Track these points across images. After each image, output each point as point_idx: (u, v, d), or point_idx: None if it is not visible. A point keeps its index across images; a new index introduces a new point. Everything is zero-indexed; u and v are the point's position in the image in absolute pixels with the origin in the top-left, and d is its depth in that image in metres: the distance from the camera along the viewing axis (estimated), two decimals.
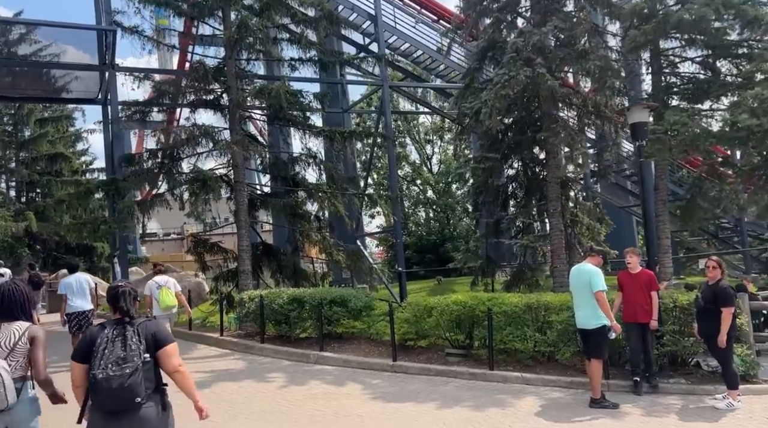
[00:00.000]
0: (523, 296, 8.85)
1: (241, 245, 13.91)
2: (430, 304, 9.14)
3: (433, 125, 34.95)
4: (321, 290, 10.85)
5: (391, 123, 17.89)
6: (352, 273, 19.66)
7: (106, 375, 3.09)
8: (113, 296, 3.45)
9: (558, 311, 8.31)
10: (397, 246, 17.83)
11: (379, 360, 9.12)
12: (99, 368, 3.12)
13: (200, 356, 10.76)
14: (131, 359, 3.15)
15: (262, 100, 14.81)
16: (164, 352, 3.34)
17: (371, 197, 15.77)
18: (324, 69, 16.35)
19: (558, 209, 12.95)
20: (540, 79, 11.27)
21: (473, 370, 8.32)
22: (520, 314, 8.49)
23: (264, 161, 15.81)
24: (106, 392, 3.08)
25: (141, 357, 3.19)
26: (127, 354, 3.17)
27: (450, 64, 19.66)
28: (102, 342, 3.21)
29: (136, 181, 13.53)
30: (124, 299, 3.42)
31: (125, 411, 3.13)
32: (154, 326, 3.42)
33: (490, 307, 8.46)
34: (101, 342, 3.21)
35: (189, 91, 14.73)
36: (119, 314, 3.38)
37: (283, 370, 9.23)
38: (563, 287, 12.63)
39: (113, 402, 3.11)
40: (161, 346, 3.35)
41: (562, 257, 12.83)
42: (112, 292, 3.47)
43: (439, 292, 20.45)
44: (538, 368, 8.35)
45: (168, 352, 3.36)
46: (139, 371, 3.15)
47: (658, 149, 10.69)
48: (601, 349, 6.89)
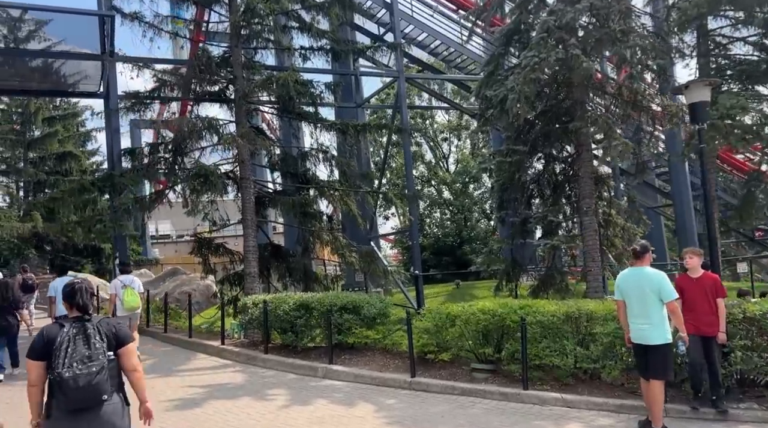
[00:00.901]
0: (561, 304, 7.72)
1: (248, 246, 12.94)
2: (453, 312, 8.04)
3: (449, 124, 33.84)
4: (331, 295, 9.78)
5: (407, 116, 16.84)
6: (366, 276, 18.66)
7: (73, 373, 3.10)
8: (69, 293, 3.42)
9: (603, 321, 7.17)
10: (414, 248, 16.78)
11: (395, 376, 8.03)
12: (64, 366, 3.11)
13: (197, 367, 9.75)
14: (96, 357, 3.18)
15: (269, 92, 13.84)
16: (125, 351, 3.40)
17: (386, 195, 14.68)
18: (336, 59, 15.35)
19: (592, 207, 11.78)
20: (574, 62, 10.13)
21: (504, 389, 7.20)
22: (558, 325, 7.36)
23: (272, 157, 14.83)
24: (74, 390, 3.09)
25: (106, 355, 3.23)
26: (92, 352, 3.19)
27: (470, 55, 18.60)
28: (63, 340, 3.19)
29: (134, 177, 12.60)
30: (80, 296, 3.41)
31: (91, 409, 3.17)
32: (113, 324, 3.44)
33: (523, 316, 7.34)
34: (62, 341, 3.19)
35: (192, 82, 13.85)
36: (77, 310, 3.40)
37: (287, 385, 8.18)
38: (598, 293, 11.50)
39: (80, 399, 3.12)
40: (122, 345, 3.39)
41: (596, 260, 11.64)
42: (68, 289, 3.45)
43: (458, 297, 19.37)
44: (579, 388, 7.21)
45: (128, 351, 3.42)
46: (105, 369, 3.19)
47: (712, 136, 9.49)
48: (668, 368, 5.76)
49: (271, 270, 14.75)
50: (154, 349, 11.52)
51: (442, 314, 8.14)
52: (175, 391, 8.02)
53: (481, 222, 32.41)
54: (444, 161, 34.33)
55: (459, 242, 29.79)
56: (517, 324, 7.46)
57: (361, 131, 14.73)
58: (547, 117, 12.52)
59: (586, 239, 11.71)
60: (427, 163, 33.24)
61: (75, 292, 3.42)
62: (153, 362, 10.23)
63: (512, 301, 8.11)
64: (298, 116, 14.45)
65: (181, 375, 9.13)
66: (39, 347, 3.26)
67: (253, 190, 13.38)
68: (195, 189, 12.48)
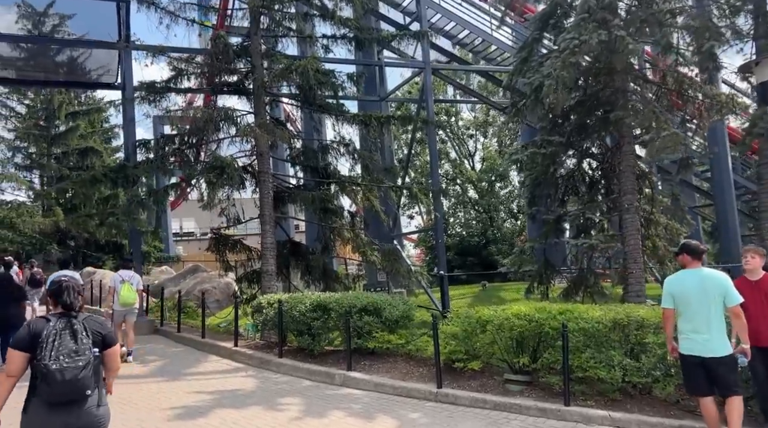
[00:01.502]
0: (607, 309, 6.88)
1: (265, 243, 12.34)
2: (484, 317, 7.26)
3: (475, 120, 32.89)
4: (350, 296, 9.07)
5: (432, 109, 16.06)
6: (388, 276, 17.94)
7: (60, 365, 3.11)
8: (56, 290, 3.40)
9: (656, 330, 6.32)
10: (438, 247, 15.99)
11: (419, 386, 7.28)
12: (51, 359, 3.12)
13: (207, 370, 9.14)
14: (83, 352, 3.21)
15: (289, 81, 13.22)
16: (111, 352, 3.46)
17: (410, 190, 13.93)
18: (360, 47, 14.64)
19: (634, 204, 10.86)
20: (619, 44, 9.26)
21: (543, 404, 6.40)
22: (604, 333, 6.53)
23: (292, 150, 14.21)
24: (60, 383, 3.09)
25: (91, 351, 3.26)
26: (78, 347, 3.22)
27: (500, 45, 17.72)
28: (50, 333, 3.20)
29: (147, 168, 12.07)
30: (67, 294, 3.38)
31: (73, 402, 3.18)
32: (98, 323, 3.46)
33: (564, 322, 6.54)
34: (48, 334, 3.20)
35: (209, 71, 13.31)
36: (62, 308, 3.38)
37: (302, 394, 7.50)
38: (640, 298, 10.59)
39: (65, 392, 3.13)
40: (109, 346, 3.45)
41: (638, 262, 10.72)
42: (55, 286, 3.43)
43: (484, 299, 18.49)
44: (628, 404, 6.37)
45: (114, 352, 3.49)
46: (91, 364, 3.22)
47: None
48: (740, 381, 4.95)
49: (291, 268, 14.17)
50: (166, 349, 10.97)
51: (472, 319, 7.37)
52: (181, 397, 7.40)
53: (507, 222, 31.41)
54: (469, 158, 33.39)
55: (484, 242, 28.85)
56: (557, 331, 6.66)
57: (384, 123, 14.01)
58: (585, 107, 11.63)
59: (627, 239, 10.80)
60: (452, 161, 32.33)
61: (62, 290, 3.39)
62: (162, 363, 9.66)
63: (550, 305, 7.30)
64: (320, 107, 13.80)
65: (189, 379, 8.53)
66: (25, 339, 3.23)
67: (271, 184, 12.78)
68: (211, 182, 11.91)
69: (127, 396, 7.43)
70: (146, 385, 8.15)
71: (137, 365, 9.54)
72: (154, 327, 13.09)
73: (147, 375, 8.80)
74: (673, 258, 12.46)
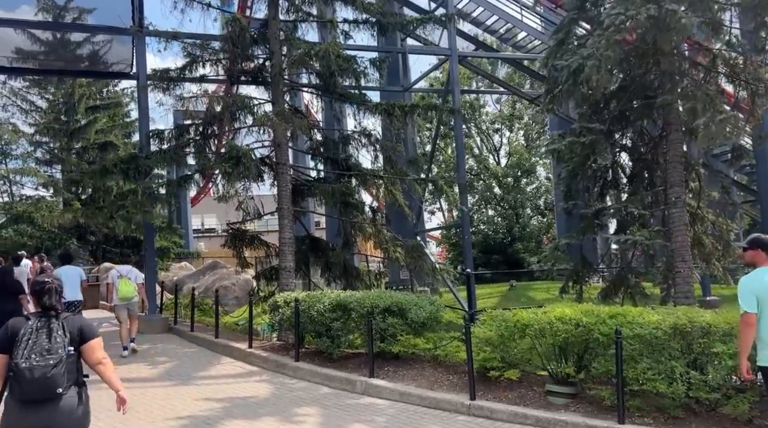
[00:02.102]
0: (665, 314, 6.04)
1: (284, 238, 11.70)
2: (523, 320, 6.48)
3: (501, 114, 31.94)
4: (372, 295, 8.33)
5: (459, 98, 15.25)
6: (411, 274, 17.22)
7: (29, 364, 3.11)
8: (38, 291, 3.38)
9: (726, 338, 5.48)
10: (465, 243, 15.22)
11: (450, 397, 6.53)
12: (22, 357, 3.13)
13: (219, 374, 8.50)
14: (56, 351, 3.19)
15: (309, 68, 12.54)
16: (89, 346, 3.40)
17: (436, 183, 13.13)
18: (383, 32, 13.92)
19: (682, 197, 9.97)
20: (670, 18, 8.36)
21: (593, 421, 5.59)
22: (664, 341, 5.70)
23: (312, 141, 13.53)
24: (28, 381, 3.09)
25: (65, 349, 3.22)
26: (51, 345, 3.20)
27: (530, 31, 16.85)
28: (26, 332, 3.21)
29: (159, 159, 11.49)
30: (49, 296, 3.37)
31: (45, 401, 3.16)
32: (79, 320, 3.46)
33: (617, 328, 5.72)
34: (25, 333, 3.21)
35: (226, 58, 12.70)
36: (42, 308, 3.37)
37: (320, 402, 6.81)
38: (689, 299, 9.69)
39: (34, 391, 3.12)
40: (87, 340, 3.39)
41: (687, 260, 9.82)
42: (38, 287, 3.41)
43: (513, 299, 17.64)
44: (693, 423, 5.54)
45: (93, 346, 3.41)
46: (63, 362, 3.18)
47: None
48: None
49: (311, 265, 13.54)
50: (178, 350, 10.39)
51: (509, 323, 6.59)
52: (188, 405, 6.77)
53: (533, 219, 30.45)
54: (495, 154, 32.46)
55: (510, 240, 27.97)
56: (608, 337, 5.85)
57: (409, 112, 13.23)
58: (627, 93, 10.74)
59: (674, 235, 9.89)
60: (477, 156, 31.43)
61: (44, 292, 3.37)
62: (172, 365, 9.06)
63: (598, 308, 6.49)
64: (341, 96, 13.11)
65: (200, 383, 7.90)
66: (3, 339, 3.24)
67: (290, 177, 12.14)
68: (226, 172, 11.29)
69: (131, 401, 6.77)
70: (153, 389, 7.54)
71: (145, 366, 8.97)
72: (168, 326, 12.54)
73: (155, 378, 8.20)
74: (721, 257, 11.54)
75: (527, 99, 20.59)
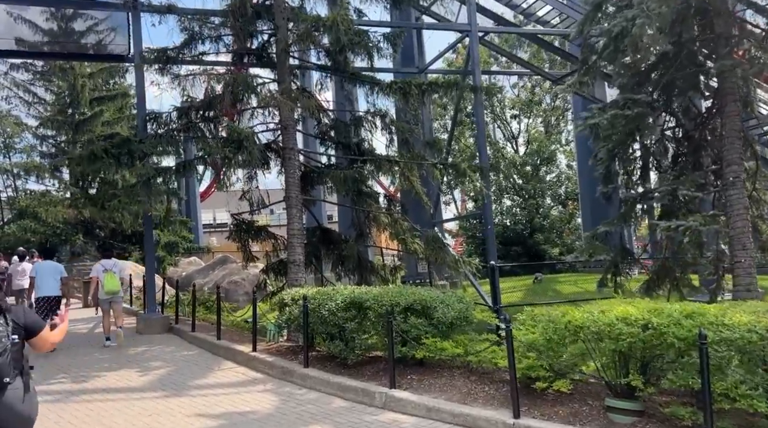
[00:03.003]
0: (759, 313, 4.90)
1: (292, 229, 10.70)
2: (575, 321, 5.36)
3: (519, 99, 30.63)
4: (391, 291, 7.26)
5: (479, 78, 14.08)
6: (430, 267, 16.14)
7: None
8: None
9: None
10: (488, 233, 14.10)
11: (489, 413, 5.43)
12: None
13: (218, 382, 7.49)
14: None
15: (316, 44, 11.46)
16: (37, 340, 3.40)
17: (458, 168, 11.99)
18: (397, 5, 12.82)
19: (741, 177, 8.77)
20: None
21: None
22: (761, 347, 4.57)
23: (321, 124, 12.46)
24: None
25: (9, 338, 3.16)
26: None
27: (555, 5, 15.60)
28: None
29: (154, 143, 10.47)
30: None
31: None
32: (23, 311, 3.43)
33: (701, 330, 4.60)
34: None
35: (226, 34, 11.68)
36: None
37: (332, 419, 5.76)
38: (751, 293, 8.51)
39: None
40: (32, 333, 3.35)
41: (747, 248, 8.63)
42: None
43: (539, 293, 16.50)
44: None
45: (41, 339, 3.41)
46: (8, 352, 3.12)
47: None
48: None
49: (322, 258, 12.53)
50: (176, 353, 9.40)
51: (559, 324, 5.48)
52: (177, 423, 5.75)
53: (554, 209, 29.19)
54: (513, 141, 31.19)
55: (530, 231, 26.79)
56: (685, 342, 4.73)
57: (426, 91, 12.10)
58: (674, 61, 9.51)
59: (733, 220, 8.70)
60: (494, 144, 30.18)
61: None
62: (166, 372, 8.06)
63: (668, 306, 5.37)
64: (352, 75, 12.02)
65: (195, 394, 6.88)
66: None
67: (298, 162, 11.11)
68: (227, 157, 10.29)
69: (109, 419, 5.82)
70: (140, 402, 6.54)
71: (136, 373, 7.98)
72: (169, 325, 11.57)
73: (144, 388, 7.20)
74: None
75: (550, 79, 19.35)
